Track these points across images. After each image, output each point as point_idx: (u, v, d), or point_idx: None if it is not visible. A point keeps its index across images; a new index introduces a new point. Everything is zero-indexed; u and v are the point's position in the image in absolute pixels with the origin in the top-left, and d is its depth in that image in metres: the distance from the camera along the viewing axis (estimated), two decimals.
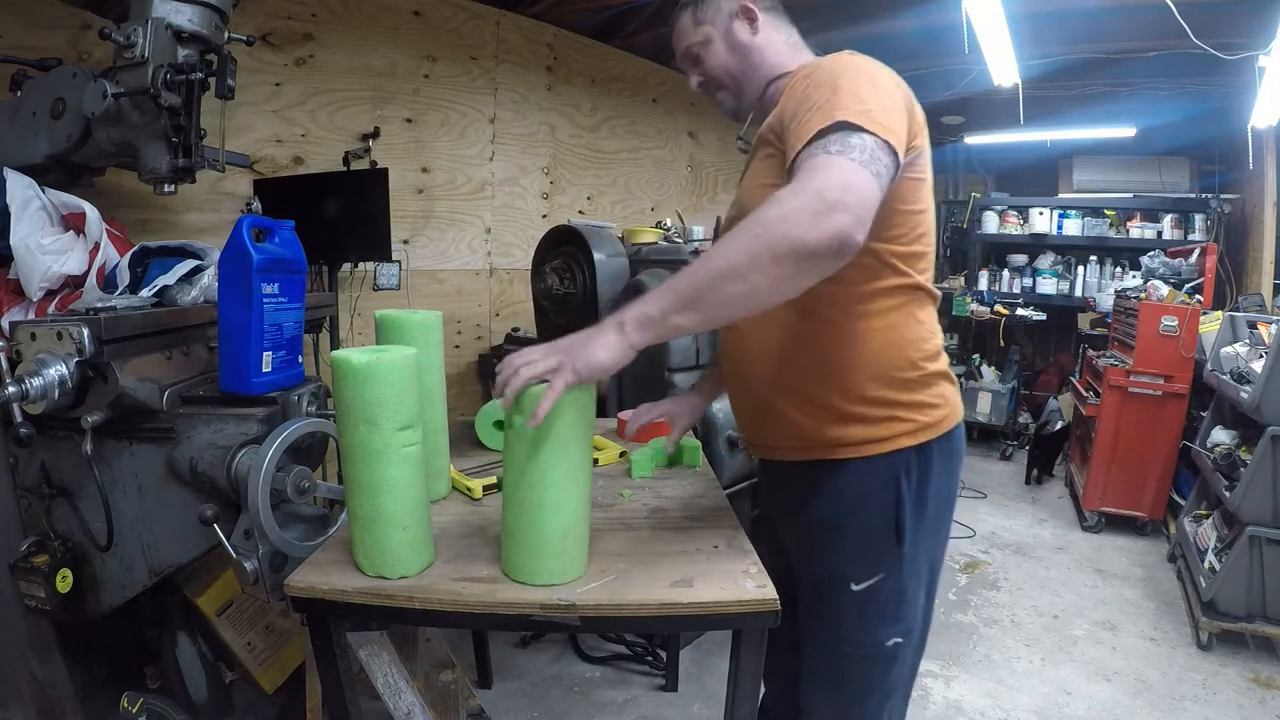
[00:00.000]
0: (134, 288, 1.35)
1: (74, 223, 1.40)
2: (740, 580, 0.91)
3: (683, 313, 0.80)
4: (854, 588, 1.03)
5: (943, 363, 1.05)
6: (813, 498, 1.06)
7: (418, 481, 0.92)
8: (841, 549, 1.04)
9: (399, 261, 2.75)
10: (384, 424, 0.87)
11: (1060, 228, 4.80)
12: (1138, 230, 4.65)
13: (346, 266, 2.63)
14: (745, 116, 1.15)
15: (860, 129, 0.81)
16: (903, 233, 0.97)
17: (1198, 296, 3.26)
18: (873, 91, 0.87)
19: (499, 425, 1.45)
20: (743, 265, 0.77)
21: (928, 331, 1.03)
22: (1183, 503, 2.98)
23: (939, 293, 1.07)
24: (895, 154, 0.82)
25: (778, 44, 1.11)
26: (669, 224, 2.76)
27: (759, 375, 1.08)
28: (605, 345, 0.81)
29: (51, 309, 1.34)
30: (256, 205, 2.15)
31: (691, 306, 0.80)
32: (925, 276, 1.02)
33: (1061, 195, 4.99)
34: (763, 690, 1.23)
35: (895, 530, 1.02)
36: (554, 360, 0.82)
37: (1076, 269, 4.80)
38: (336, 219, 2.30)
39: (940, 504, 1.07)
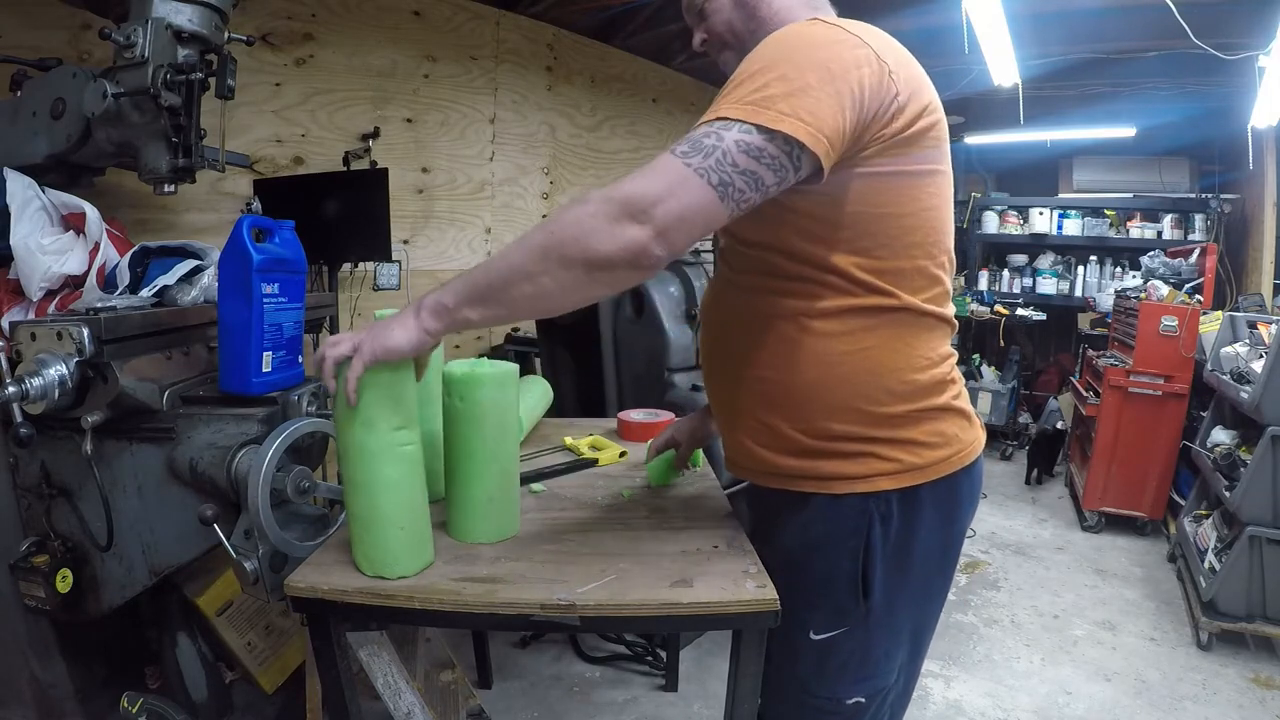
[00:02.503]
0: (134, 288, 1.35)
1: (74, 223, 1.40)
2: (740, 580, 0.91)
3: (474, 306, 0.79)
4: (813, 636, 0.93)
5: (948, 396, 0.90)
6: (778, 527, 0.96)
7: (415, 482, 0.92)
8: (801, 590, 0.92)
9: (399, 261, 2.75)
10: (380, 424, 0.87)
11: (1060, 228, 4.80)
12: (1138, 230, 4.65)
13: (346, 266, 2.63)
14: None
15: (734, 122, 0.71)
16: (878, 243, 0.82)
17: (1198, 296, 3.26)
18: (792, 71, 0.73)
19: None
20: (533, 266, 0.74)
21: (924, 360, 0.87)
22: (1183, 503, 2.98)
23: (953, 316, 0.92)
24: (796, 145, 0.71)
25: (783, 7, 0.92)
26: None
27: (723, 387, 1.00)
28: (403, 329, 0.81)
29: (51, 309, 1.34)
30: (256, 205, 2.15)
31: (481, 302, 0.78)
32: (922, 297, 0.86)
33: (1061, 195, 4.99)
34: None
35: (861, 582, 0.89)
36: (352, 343, 0.82)
37: (1076, 269, 4.81)
38: (336, 219, 2.30)
39: (931, 557, 0.93)
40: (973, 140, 4.98)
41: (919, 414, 0.87)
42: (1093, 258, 4.74)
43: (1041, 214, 4.84)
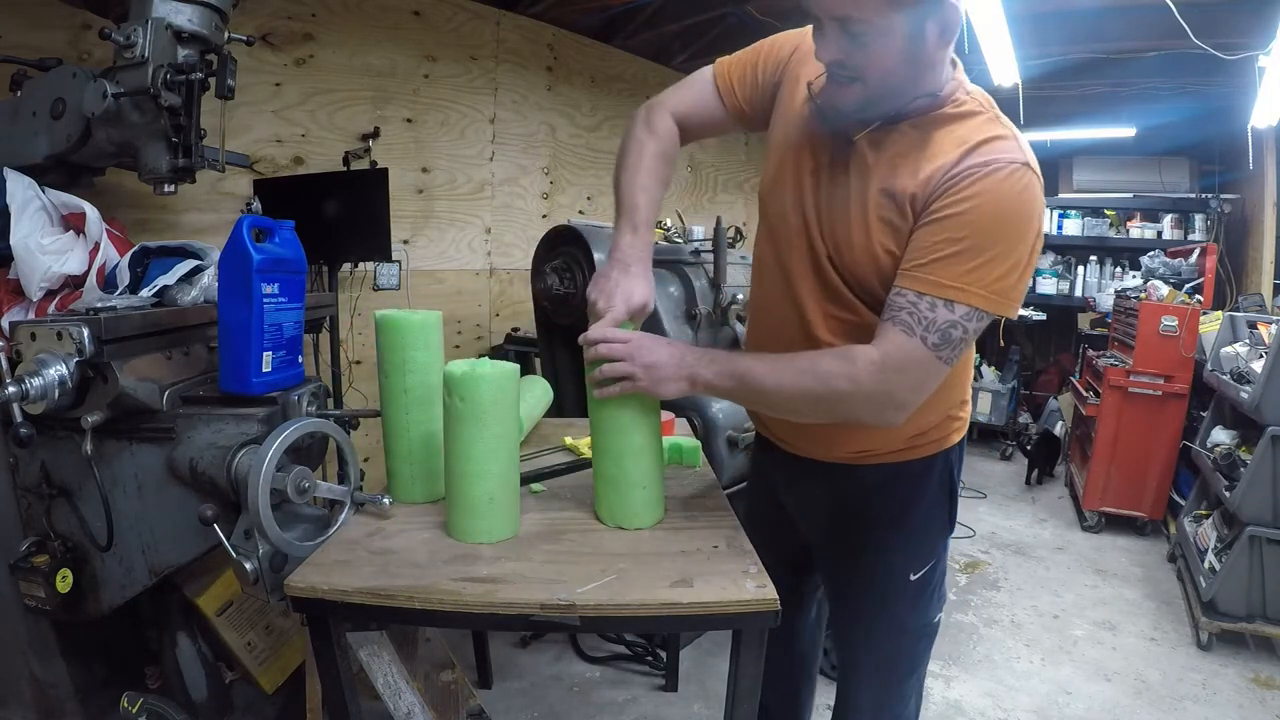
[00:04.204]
0: (134, 288, 1.35)
1: (74, 223, 1.40)
2: (740, 580, 0.91)
3: (741, 401, 1.05)
4: (912, 578, 1.11)
5: None
6: (872, 496, 1.10)
7: (656, 452, 1.08)
8: (904, 543, 1.10)
9: (399, 261, 2.75)
10: (632, 403, 1.03)
11: (1060, 228, 4.79)
12: (1138, 230, 4.64)
13: (346, 266, 2.63)
14: (865, 122, 0.93)
15: (979, 312, 0.85)
16: None
17: (1198, 296, 3.27)
18: (1021, 259, 0.85)
19: None
20: (802, 406, 0.95)
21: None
22: (1183, 503, 2.98)
23: None
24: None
25: (942, 66, 0.90)
26: (669, 224, 2.76)
27: None
28: (676, 386, 0.97)
29: (51, 309, 1.34)
30: (256, 205, 2.15)
31: (748, 401, 1.04)
32: None
33: (1061, 195, 4.99)
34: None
35: (949, 519, 1.12)
36: (628, 370, 0.97)
37: (1076, 269, 4.80)
38: (336, 219, 2.30)
39: (960, 487, 1.17)
40: None
41: (967, 384, 1.13)
42: (1093, 258, 4.74)
43: None
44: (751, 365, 0.95)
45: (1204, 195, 4.47)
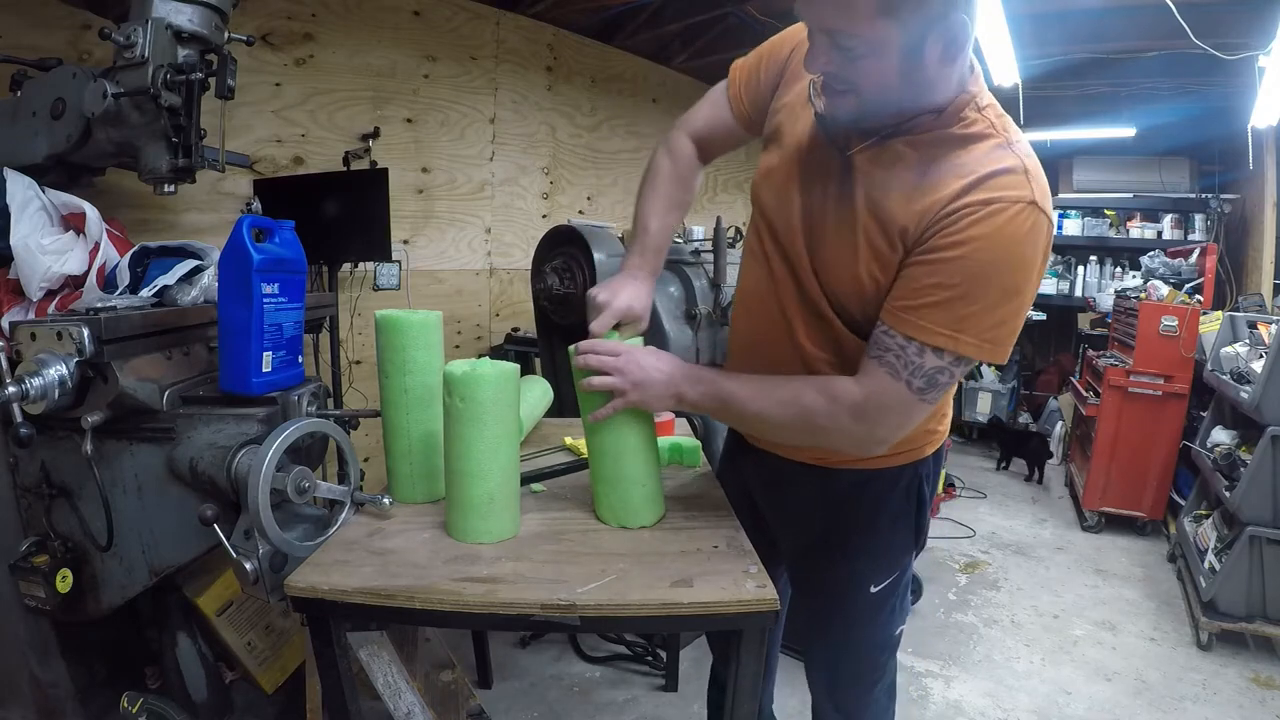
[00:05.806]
0: (134, 288, 1.35)
1: (74, 223, 1.40)
2: (740, 580, 0.91)
3: (725, 421, 1.09)
4: (873, 590, 1.10)
5: None
6: (842, 501, 1.09)
7: (653, 449, 1.08)
8: (868, 550, 1.10)
9: (399, 261, 2.75)
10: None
11: (1060, 228, 4.79)
12: (1138, 230, 4.65)
13: (346, 266, 2.63)
14: (863, 133, 0.88)
15: (968, 360, 0.84)
16: None
17: (1198, 296, 3.27)
18: (1017, 306, 0.82)
19: None
20: (784, 436, 1.01)
21: None
22: (1183, 503, 2.98)
23: None
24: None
25: (946, 83, 0.83)
26: None
27: None
28: (662, 401, 1.00)
29: (51, 309, 1.34)
30: (256, 205, 2.15)
31: (731, 422, 1.09)
32: None
33: (1061, 195, 4.98)
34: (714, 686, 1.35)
35: (915, 532, 1.10)
36: (619, 383, 0.99)
37: (1076, 269, 4.80)
38: (336, 219, 2.30)
39: (931, 501, 1.16)
40: None
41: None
42: (1093, 258, 4.74)
43: None
44: (735, 390, 0.97)
45: (1204, 195, 4.47)
